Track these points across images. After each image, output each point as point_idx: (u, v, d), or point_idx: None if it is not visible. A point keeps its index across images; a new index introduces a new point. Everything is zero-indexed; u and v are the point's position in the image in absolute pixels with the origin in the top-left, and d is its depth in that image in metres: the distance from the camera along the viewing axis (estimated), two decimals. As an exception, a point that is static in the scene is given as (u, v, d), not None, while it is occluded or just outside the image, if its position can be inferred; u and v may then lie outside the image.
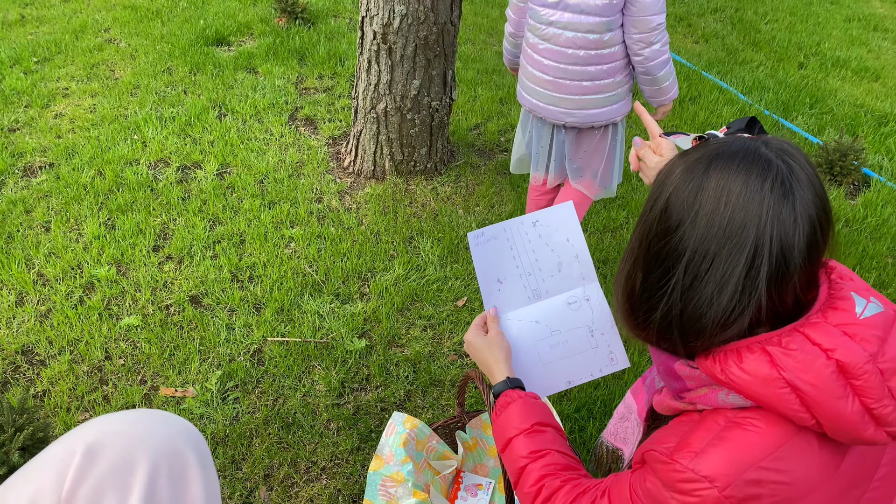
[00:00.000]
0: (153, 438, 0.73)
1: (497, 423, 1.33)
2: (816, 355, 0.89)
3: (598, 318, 1.49)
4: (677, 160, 0.98)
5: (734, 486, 0.90)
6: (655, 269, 0.98)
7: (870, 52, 5.36)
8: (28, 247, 2.81)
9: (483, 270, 1.49)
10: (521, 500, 1.27)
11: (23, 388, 2.24)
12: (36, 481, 0.67)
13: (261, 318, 2.55)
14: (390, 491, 1.84)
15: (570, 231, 1.50)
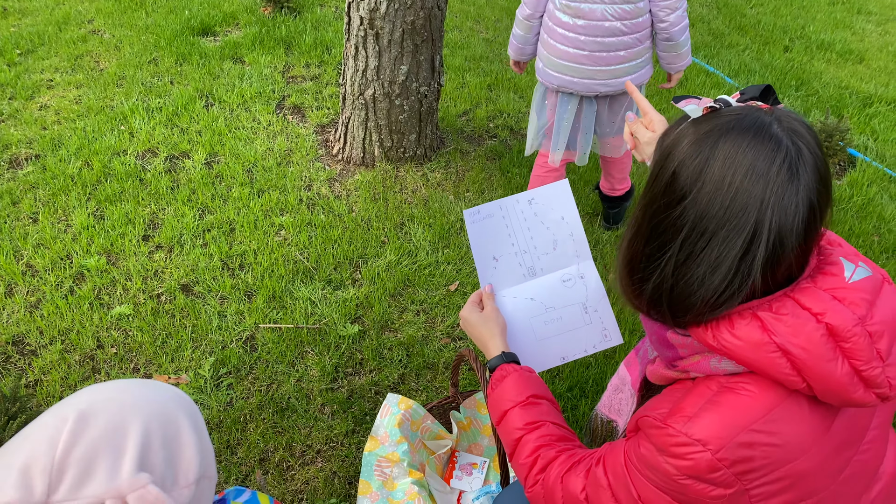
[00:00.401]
0: (145, 404, 0.74)
1: (493, 396, 1.34)
2: (807, 319, 0.90)
3: (592, 295, 1.50)
4: (687, 128, 0.97)
5: (727, 448, 0.91)
6: (653, 241, 0.98)
7: (854, 34, 5.39)
8: (16, 238, 2.79)
9: (479, 248, 1.50)
10: (516, 471, 1.28)
11: (14, 378, 2.23)
12: (28, 448, 0.68)
13: (252, 305, 2.55)
14: (386, 471, 1.85)
15: (566, 209, 1.51)
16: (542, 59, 2.58)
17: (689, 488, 0.94)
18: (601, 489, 1.08)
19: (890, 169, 3.64)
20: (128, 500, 0.67)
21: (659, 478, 0.98)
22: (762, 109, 0.94)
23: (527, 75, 4.31)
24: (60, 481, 0.67)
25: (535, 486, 1.21)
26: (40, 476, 0.66)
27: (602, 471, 1.10)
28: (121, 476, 0.68)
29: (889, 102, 4.33)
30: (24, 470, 0.67)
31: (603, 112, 2.62)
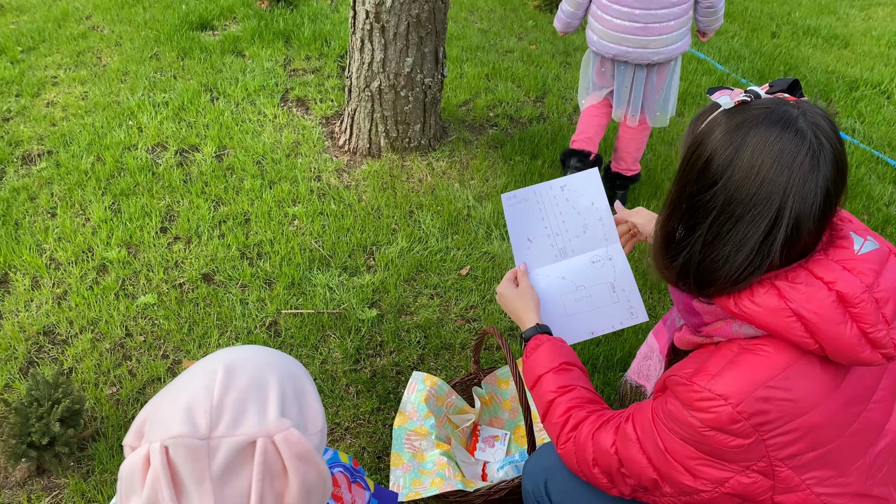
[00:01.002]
0: (276, 363, 0.85)
1: (527, 363, 1.45)
2: (819, 287, 1.01)
3: (620, 275, 1.62)
4: (720, 118, 1.06)
5: (746, 402, 1.02)
6: (686, 220, 1.09)
7: (838, 20, 5.53)
8: (37, 232, 2.86)
9: (514, 229, 1.62)
10: (549, 430, 1.39)
11: (49, 366, 2.31)
12: (187, 394, 0.78)
13: (273, 292, 2.64)
14: (415, 444, 1.96)
15: (595, 195, 1.63)
16: (595, 32, 2.83)
17: (711, 439, 1.05)
18: (630, 443, 1.19)
19: (877, 150, 3.78)
20: (275, 439, 0.78)
21: (684, 430, 1.09)
22: (790, 102, 1.04)
23: (523, 65, 4.41)
24: (219, 420, 0.77)
25: (566, 444, 1.32)
26: (203, 415, 0.77)
27: (631, 426, 1.20)
28: (268, 419, 0.78)
29: (874, 86, 4.47)
30: (187, 410, 0.77)
31: (654, 79, 2.89)
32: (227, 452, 0.76)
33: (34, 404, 1.96)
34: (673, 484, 1.14)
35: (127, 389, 2.25)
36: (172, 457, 0.76)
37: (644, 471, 1.17)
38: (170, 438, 0.76)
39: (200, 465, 0.76)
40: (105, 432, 2.12)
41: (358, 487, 1.14)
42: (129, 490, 0.78)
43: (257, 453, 0.77)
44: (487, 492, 1.79)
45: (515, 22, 5.06)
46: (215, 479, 0.76)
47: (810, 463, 1.08)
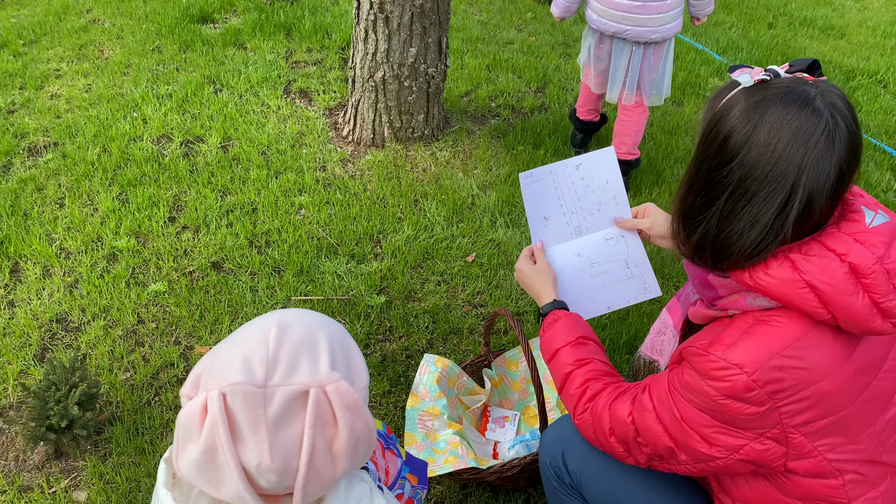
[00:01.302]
0: (325, 323, 0.89)
1: (545, 337, 1.48)
2: (832, 259, 1.04)
3: (633, 252, 1.66)
4: (739, 95, 1.09)
5: (761, 371, 1.05)
6: (703, 195, 1.12)
7: (834, 10, 5.58)
8: (46, 222, 2.88)
9: (531, 208, 1.66)
10: (566, 402, 1.43)
11: (64, 353, 2.34)
12: (244, 347, 0.82)
13: (282, 279, 2.67)
14: (428, 424, 2.00)
15: (610, 174, 1.67)
16: (595, 11, 2.93)
17: (727, 407, 1.09)
18: (646, 412, 1.22)
19: (874, 138, 3.83)
20: (327, 390, 0.81)
21: (700, 399, 1.12)
22: (808, 82, 1.07)
23: (523, 56, 4.44)
24: (275, 370, 0.81)
25: (583, 414, 1.35)
26: (259, 365, 0.81)
27: (648, 397, 1.24)
28: (320, 371, 0.82)
29: (870, 75, 4.52)
30: (245, 360, 0.82)
31: (650, 59, 2.99)
32: (281, 400, 0.80)
33: (52, 388, 1.99)
34: (688, 451, 1.18)
35: (141, 375, 2.29)
36: (230, 403, 0.80)
37: (660, 439, 1.21)
38: (228, 386, 0.80)
39: (257, 411, 0.80)
40: (121, 416, 2.16)
41: (391, 454, 1.18)
42: (186, 437, 0.82)
43: (310, 402, 0.81)
44: (500, 469, 1.83)
45: (515, 14, 5.08)
46: (270, 425, 0.80)
47: (823, 430, 1.11)
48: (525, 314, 2.59)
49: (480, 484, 2.00)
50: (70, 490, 1.97)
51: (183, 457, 0.83)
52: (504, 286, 2.69)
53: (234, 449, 0.79)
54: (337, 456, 0.84)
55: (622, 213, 1.68)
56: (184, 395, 0.86)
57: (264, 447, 0.80)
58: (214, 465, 0.80)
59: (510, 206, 3.12)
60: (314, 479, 0.82)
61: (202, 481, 0.83)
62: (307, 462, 0.81)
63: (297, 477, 0.81)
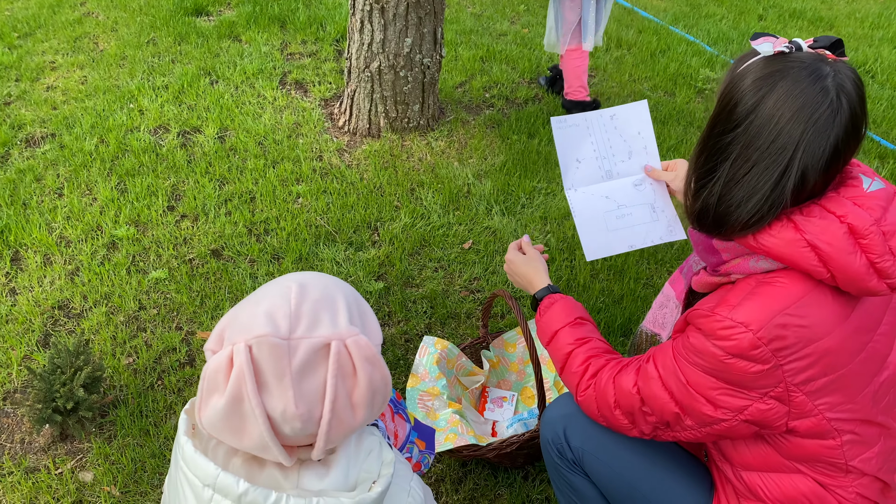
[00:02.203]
0: (340, 284, 0.94)
1: (542, 321, 1.52)
2: (832, 220, 1.09)
3: (660, 198, 1.74)
4: (757, 63, 1.13)
5: (765, 329, 1.10)
6: (709, 160, 1.16)
7: (823, 2, 5.64)
8: (45, 212, 2.90)
9: (563, 150, 1.75)
10: (567, 381, 1.46)
11: (66, 339, 2.37)
12: (267, 302, 0.87)
13: (281, 266, 2.70)
14: (428, 404, 2.04)
15: (642, 125, 1.75)
16: None
17: (733, 367, 1.13)
18: (652, 381, 1.26)
19: (862, 127, 3.89)
20: (347, 343, 0.86)
21: (706, 361, 1.16)
22: (826, 60, 1.10)
23: (517, 47, 4.48)
24: (298, 324, 0.86)
25: (587, 391, 1.39)
26: (283, 319, 0.85)
27: (652, 366, 1.27)
28: (340, 325, 0.87)
29: (859, 66, 4.58)
30: (269, 314, 0.86)
31: (608, 4, 3.53)
32: (305, 352, 0.84)
33: (57, 371, 2.02)
34: (694, 416, 1.21)
35: (144, 359, 2.32)
36: (256, 355, 0.84)
37: (666, 406, 1.24)
38: (254, 338, 0.84)
39: (282, 362, 0.84)
40: (125, 399, 2.19)
41: (400, 419, 1.22)
42: (211, 387, 0.86)
43: (332, 353, 0.85)
44: (499, 445, 1.87)
45: (507, 6, 5.12)
46: (295, 374, 0.84)
47: (823, 388, 1.15)
48: (523, 298, 2.63)
49: (480, 461, 2.05)
50: (76, 471, 2.00)
51: (207, 408, 0.87)
52: (500, 272, 2.74)
53: (259, 397, 0.83)
54: (356, 405, 0.88)
55: (652, 162, 1.76)
56: (208, 350, 0.90)
57: (289, 395, 0.84)
58: (239, 414, 0.84)
59: (505, 194, 3.16)
60: (336, 426, 0.87)
61: (225, 431, 0.86)
62: (330, 409, 0.85)
63: (320, 423, 0.85)
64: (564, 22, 3.52)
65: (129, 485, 1.96)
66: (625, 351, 2.37)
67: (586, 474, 1.51)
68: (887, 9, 5.56)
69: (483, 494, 1.98)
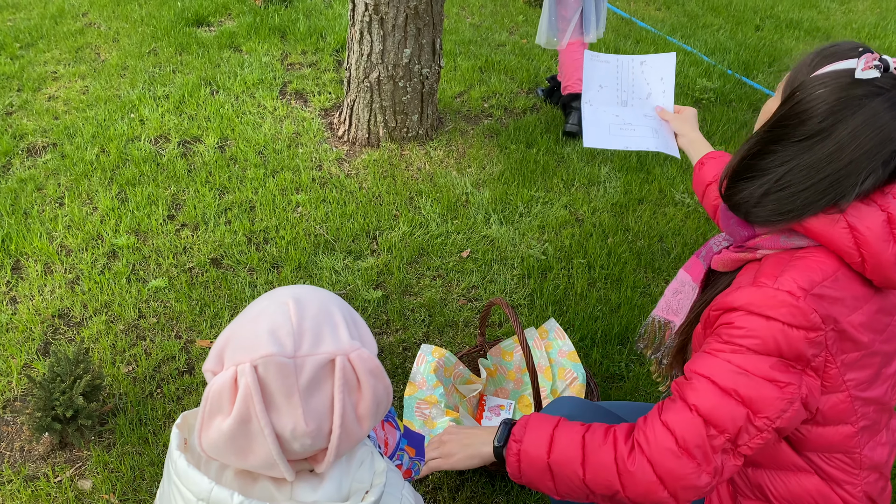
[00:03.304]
0: (334, 297, 0.96)
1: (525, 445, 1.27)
2: (874, 208, 1.13)
3: (664, 128, 1.86)
4: (836, 78, 1.12)
5: (811, 297, 1.11)
6: (761, 158, 1.18)
7: (819, 13, 5.68)
8: (46, 221, 2.92)
9: (589, 77, 1.90)
10: (599, 470, 1.19)
11: (66, 348, 2.38)
12: (267, 320, 0.88)
13: (281, 275, 2.72)
14: (425, 412, 2.05)
15: (666, 74, 1.91)
16: None
17: (791, 336, 1.10)
18: (707, 392, 1.13)
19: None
20: (350, 357, 0.88)
21: (760, 338, 1.11)
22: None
23: (515, 58, 4.51)
24: (302, 341, 0.87)
25: (632, 456, 1.16)
26: (287, 337, 0.87)
27: (698, 379, 1.15)
28: (342, 340, 0.89)
29: (855, 76, 4.61)
30: (272, 332, 0.87)
31: None
32: (311, 369, 0.86)
33: (57, 379, 2.03)
34: (764, 406, 1.11)
35: (143, 368, 2.33)
36: (262, 374, 0.85)
37: (734, 411, 1.11)
38: (260, 358, 0.84)
39: (289, 380, 0.85)
40: (124, 408, 2.20)
41: (390, 426, 1.23)
42: (215, 409, 0.87)
43: (337, 369, 0.87)
44: (496, 453, 1.88)
45: (506, 17, 5.16)
46: (303, 392, 0.86)
47: (853, 364, 1.17)
48: (520, 307, 2.65)
49: (477, 469, 2.05)
50: (75, 479, 2.01)
51: (210, 429, 0.87)
52: (498, 280, 2.75)
53: (268, 416, 0.84)
54: (362, 417, 0.90)
55: (666, 105, 1.89)
56: (207, 371, 0.90)
57: (298, 413, 0.85)
58: (247, 434, 0.85)
59: (503, 203, 3.18)
60: (345, 438, 0.89)
61: (229, 452, 0.87)
62: (340, 424, 0.87)
63: (330, 438, 0.87)
64: (561, 18, 3.60)
65: (128, 493, 1.97)
66: (633, 342, 2.39)
67: None
68: (884, 19, 5.59)
69: (480, 503, 1.99)
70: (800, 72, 1.20)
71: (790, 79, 1.23)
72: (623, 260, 2.87)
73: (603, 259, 2.88)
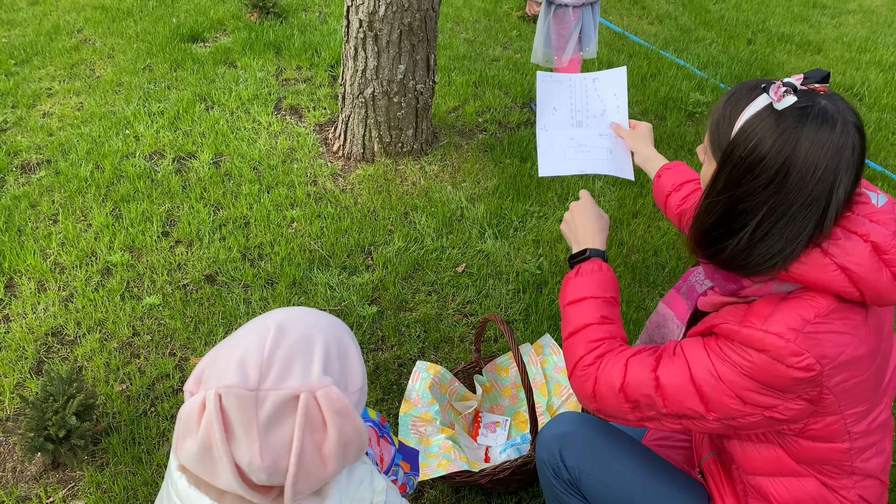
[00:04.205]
0: (324, 324, 0.94)
1: (577, 278, 1.46)
2: (857, 241, 1.12)
3: (619, 147, 1.88)
4: (763, 119, 1.12)
5: (802, 337, 1.11)
6: (732, 218, 1.16)
7: (811, 27, 5.73)
8: (40, 238, 2.91)
9: (542, 98, 1.91)
10: (569, 349, 1.39)
11: (59, 366, 2.37)
12: (242, 346, 0.87)
13: (275, 291, 2.71)
14: (421, 430, 2.04)
15: (619, 88, 1.91)
16: None
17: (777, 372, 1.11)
18: (677, 372, 1.20)
19: (850, 150, 3.94)
20: (317, 395, 0.87)
21: (746, 366, 1.14)
22: (822, 95, 1.12)
23: (509, 72, 4.53)
24: (268, 374, 0.86)
25: (588, 368, 1.31)
26: (253, 369, 0.86)
27: (681, 357, 1.22)
28: (311, 376, 0.88)
29: (847, 89, 4.64)
30: (240, 363, 0.86)
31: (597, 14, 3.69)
32: (273, 404, 0.85)
33: (49, 399, 2.02)
34: (719, 410, 1.18)
35: (137, 386, 2.32)
36: (225, 404, 0.85)
37: (688, 399, 1.19)
38: (223, 387, 0.84)
39: (248, 413, 0.84)
40: (118, 426, 2.18)
41: (385, 442, 1.22)
42: (185, 431, 0.87)
43: (300, 407, 0.85)
44: (492, 471, 1.87)
45: (500, 32, 5.19)
46: (262, 426, 0.84)
47: (851, 389, 1.17)
48: (515, 322, 2.65)
49: (473, 487, 2.04)
50: (68, 500, 1.99)
51: (183, 449, 0.88)
52: (493, 295, 2.75)
53: (227, 446, 0.84)
54: (326, 457, 0.88)
55: (621, 120, 1.90)
56: (187, 391, 0.90)
57: (255, 447, 0.84)
58: (210, 459, 0.85)
59: (498, 217, 3.18)
60: (304, 478, 0.87)
61: (200, 472, 0.88)
62: (296, 463, 0.85)
63: (286, 476, 0.86)
64: (559, 35, 3.65)
65: (121, 513, 1.95)
66: None
67: (583, 496, 1.51)
68: (874, 32, 5.64)
69: (476, 520, 1.98)
70: (721, 131, 1.20)
71: (714, 142, 1.22)
72: (618, 274, 2.88)
73: (598, 273, 2.88)
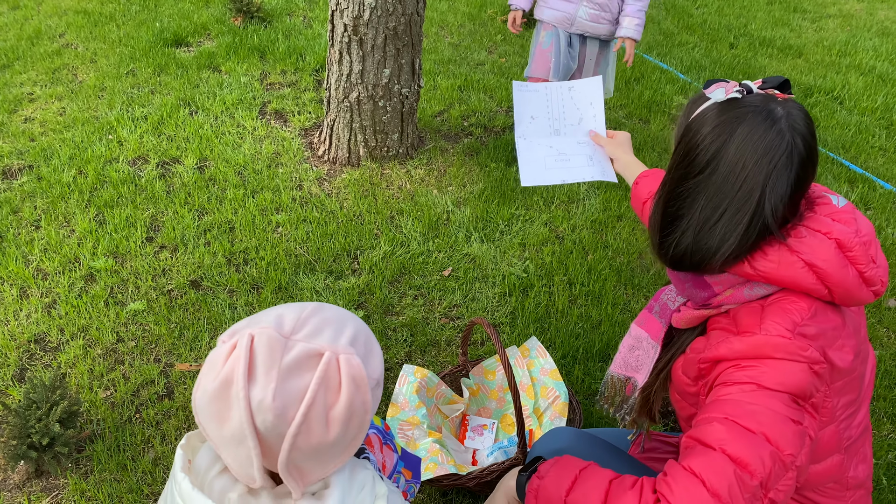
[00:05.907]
0: (356, 318, 1.01)
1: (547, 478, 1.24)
2: (821, 238, 1.14)
3: (598, 153, 1.90)
4: (710, 110, 1.17)
5: (799, 334, 1.12)
6: (674, 206, 1.19)
7: (792, 31, 5.79)
8: (22, 244, 2.89)
9: (520, 108, 1.93)
10: None
11: (42, 373, 2.34)
12: (281, 309, 0.94)
13: (261, 296, 2.70)
14: (408, 433, 2.04)
15: (595, 97, 1.93)
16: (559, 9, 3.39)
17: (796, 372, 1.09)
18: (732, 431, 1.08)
19: (831, 152, 3.99)
20: (339, 358, 0.90)
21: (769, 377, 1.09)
22: (777, 100, 1.15)
23: (494, 76, 4.55)
24: (301, 328, 0.92)
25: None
26: (290, 322, 0.92)
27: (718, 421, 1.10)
28: (339, 342, 0.92)
29: (827, 92, 4.70)
30: (279, 315, 0.93)
31: (599, 56, 3.52)
32: (298, 353, 0.90)
33: (32, 406, 2.00)
34: (786, 441, 1.06)
35: (121, 392, 2.30)
36: (255, 345, 0.89)
37: (760, 447, 1.06)
38: (258, 329, 0.90)
39: (275, 355, 0.89)
40: (102, 434, 2.16)
41: (388, 449, 1.23)
42: (208, 370, 0.92)
43: (322, 363, 0.89)
44: (479, 474, 1.88)
45: (485, 36, 5.20)
46: (282, 370, 0.89)
47: (841, 389, 1.19)
48: (501, 325, 2.65)
49: (460, 491, 2.04)
50: (51, 508, 1.97)
51: (199, 389, 0.92)
52: (479, 299, 2.76)
53: (246, 381, 0.88)
54: (332, 420, 0.90)
55: (599, 130, 1.92)
56: (220, 341, 0.95)
57: (271, 387, 0.87)
58: (226, 397, 0.89)
59: (484, 221, 3.19)
60: (305, 432, 0.88)
61: (210, 414, 0.91)
62: (304, 413, 0.88)
63: (290, 425, 0.88)
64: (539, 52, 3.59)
65: (106, 521, 1.94)
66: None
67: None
68: (854, 36, 5.72)
69: (464, 523, 1.98)
70: (681, 123, 1.25)
71: (675, 132, 1.27)
72: (603, 277, 2.89)
73: (583, 276, 2.89)
